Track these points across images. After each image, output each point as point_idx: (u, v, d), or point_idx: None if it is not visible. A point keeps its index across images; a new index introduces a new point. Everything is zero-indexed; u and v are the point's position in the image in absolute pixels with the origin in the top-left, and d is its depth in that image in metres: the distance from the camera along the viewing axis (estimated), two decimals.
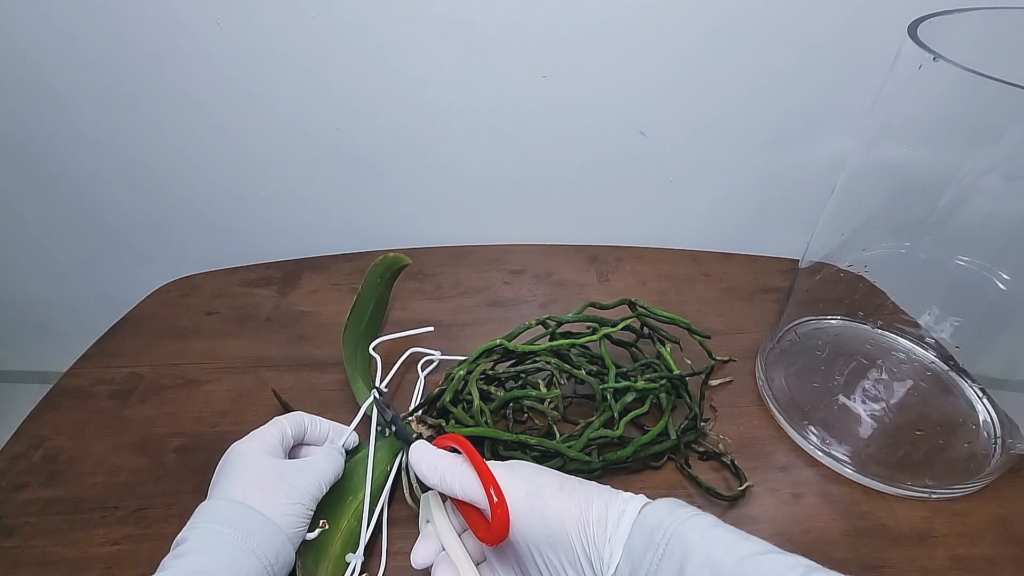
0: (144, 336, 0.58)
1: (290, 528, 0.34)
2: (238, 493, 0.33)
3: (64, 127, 0.63)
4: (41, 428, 0.49)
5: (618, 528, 0.29)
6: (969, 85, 0.32)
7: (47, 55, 0.58)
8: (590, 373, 0.46)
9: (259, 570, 0.31)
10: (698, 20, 0.53)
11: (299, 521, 0.35)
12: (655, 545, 0.27)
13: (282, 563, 0.33)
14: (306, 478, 0.36)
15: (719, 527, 0.28)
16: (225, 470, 0.36)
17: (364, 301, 0.54)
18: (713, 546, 0.26)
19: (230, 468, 0.35)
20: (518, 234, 0.70)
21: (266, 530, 0.32)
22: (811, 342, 0.53)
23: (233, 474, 0.35)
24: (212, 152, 0.65)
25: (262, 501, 0.33)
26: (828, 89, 0.56)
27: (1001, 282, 0.44)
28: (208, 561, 0.30)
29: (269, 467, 0.36)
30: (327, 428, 0.43)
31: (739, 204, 0.67)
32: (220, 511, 0.33)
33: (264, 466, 0.35)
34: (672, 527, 0.27)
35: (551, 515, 0.29)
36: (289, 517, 0.34)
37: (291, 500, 0.34)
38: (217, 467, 0.37)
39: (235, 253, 0.70)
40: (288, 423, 0.40)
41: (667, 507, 0.29)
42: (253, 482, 0.34)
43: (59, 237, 0.75)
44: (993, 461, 0.44)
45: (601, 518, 0.29)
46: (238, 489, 0.34)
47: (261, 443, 0.37)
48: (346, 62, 0.57)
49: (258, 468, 0.35)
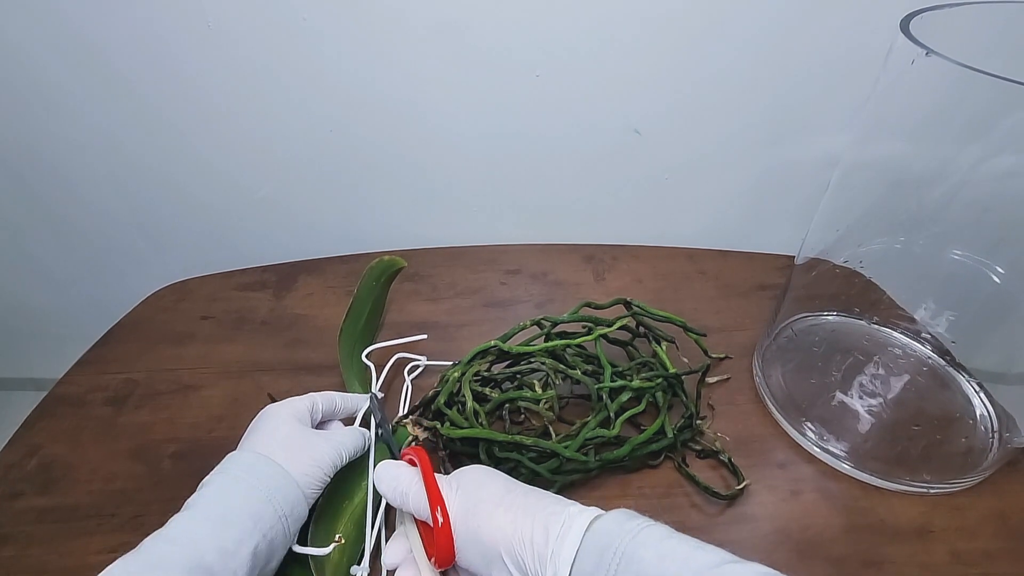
0: (139, 342, 0.58)
1: (307, 487, 0.36)
2: (263, 448, 0.36)
3: (55, 132, 0.63)
4: (36, 436, 0.49)
5: (563, 545, 0.27)
6: (961, 80, 0.32)
7: (37, 60, 0.57)
8: (586, 373, 0.46)
9: (274, 520, 0.33)
10: (692, 18, 0.53)
11: (316, 483, 0.36)
12: (606, 565, 0.26)
13: (296, 516, 0.35)
14: (329, 445, 0.38)
15: (673, 538, 0.27)
16: (256, 427, 0.38)
17: (360, 304, 0.54)
18: (668, 563, 0.25)
19: (261, 426, 0.38)
20: (513, 234, 0.70)
21: (284, 483, 0.34)
22: (808, 338, 0.53)
23: (262, 432, 0.37)
24: (205, 155, 0.65)
25: (285, 458, 0.36)
26: (822, 86, 0.56)
27: (996, 276, 0.44)
28: (227, 503, 0.33)
29: (296, 430, 0.38)
30: (355, 405, 0.44)
31: (734, 201, 0.67)
32: (244, 461, 0.35)
33: (291, 428, 0.38)
34: (623, 544, 0.26)
35: (485, 535, 0.29)
36: (307, 477, 0.36)
37: (312, 462, 0.36)
38: (249, 426, 0.39)
39: (230, 257, 0.70)
40: (320, 398, 0.42)
41: (617, 520, 0.28)
42: (279, 441, 0.37)
43: (52, 243, 0.75)
44: (990, 455, 0.44)
45: (543, 535, 0.28)
46: (264, 445, 0.36)
47: (292, 409, 0.39)
48: (338, 64, 0.57)
49: (285, 428, 0.38)
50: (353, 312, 0.53)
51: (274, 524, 0.33)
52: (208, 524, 0.31)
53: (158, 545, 0.30)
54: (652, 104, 0.59)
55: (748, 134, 0.61)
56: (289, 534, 0.34)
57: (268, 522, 0.33)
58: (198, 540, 0.30)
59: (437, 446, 0.44)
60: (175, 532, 0.31)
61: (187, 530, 0.31)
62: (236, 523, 0.32)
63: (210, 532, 0.31)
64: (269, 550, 0.33)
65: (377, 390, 0.48)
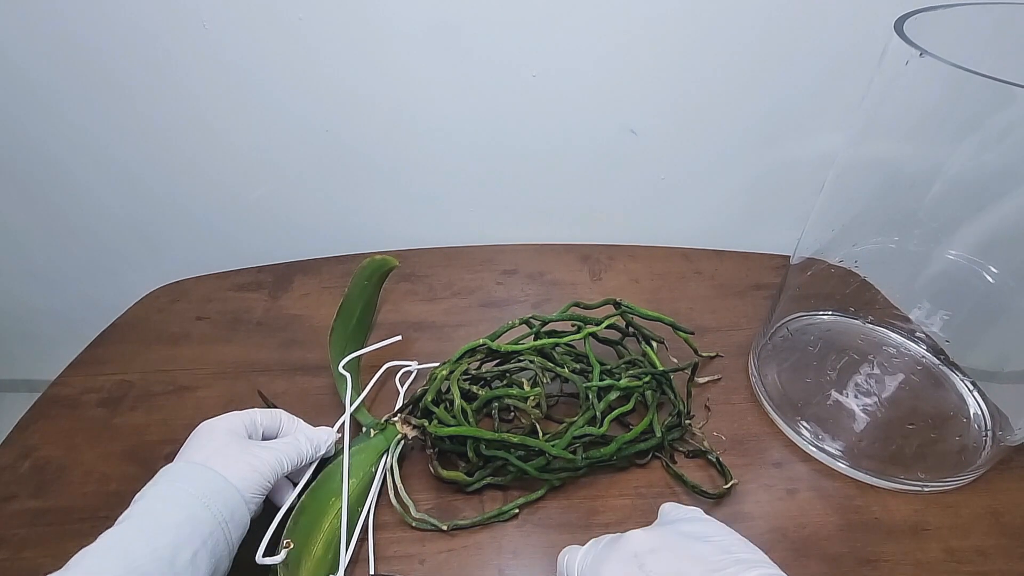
0: (134, 343, 0.58)
1: (247, 491, 0.34)
2: (199, 457, 0.35)
3: (49, 132, 0.63)
4: (29, 437, 0.48)
5: None
6: (955, 80, 0.32)
7: (32, 59, 0.57)
8: (575, 371, 0.46)
9: (213, 525, 0.32)
10: (688, 19, 0.53)
11: (256, 487, 0.35)
12: None
13: (237, 522, 0.33)
14: (268, 452, 0.37)
15: None
16: (191, 441, 0.37)
17: (351, 304, 0.53)
18: None
19: (196, 439, 0.37)
20: (510, 234, 0.70)
21: (221, 488, 0.33)
22: (803, 338, 0.53)
23: (197, 444, 0.36)
24: (200, 156, 0.64)
25: (222, 464, 0.34)
26: (817, 86, 0.56)
27: (989, 275, 0.45)
28: (160, 510, 0.31)
29: (232, 439, 0.37)
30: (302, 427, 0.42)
31: (730, 201, 0.67)
32: (179, 471, 0.34)
33: (227, 438, 0.37)
34: None
35: None
36: (246, 481, 0.34)
37: (250, 467, 0.35)
38: (185, 441, 0.37)
39: (225, 257, 0.70)
40: (261, 413, 0.40)
41: None
42: (216, 449, 0.35)
43: (46, 243, 0.74)
44: (984, 453, 0.44)
45: None
46: (200, 455, 0.35)
47: (228, 424, 0.38)
48: (334, 63, 0.56)
49: (221, 438, 0.36)
50: (344, 312, 0.52)
51: (214, 530, 0.31)
52: (141, 534, 0.30)
53: (86, 559, 0.28)
54: (648, 104, 0.59)
55: (744, 134, 0.61)
56: (231, 542, 0.33)
57: (207, 528, 0.31)
58: (130, 550, 0.29)
59: (426, 444, 0.44)
60: (105, 544, 0.29)
61: (118, 541, 0.29)
62: (171, 529, 0.30)
63: (144, 541, 0.29)
64: (211, 558, 0.31)
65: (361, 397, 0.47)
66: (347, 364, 0.48)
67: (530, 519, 0.42)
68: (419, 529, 0.41)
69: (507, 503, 0.42)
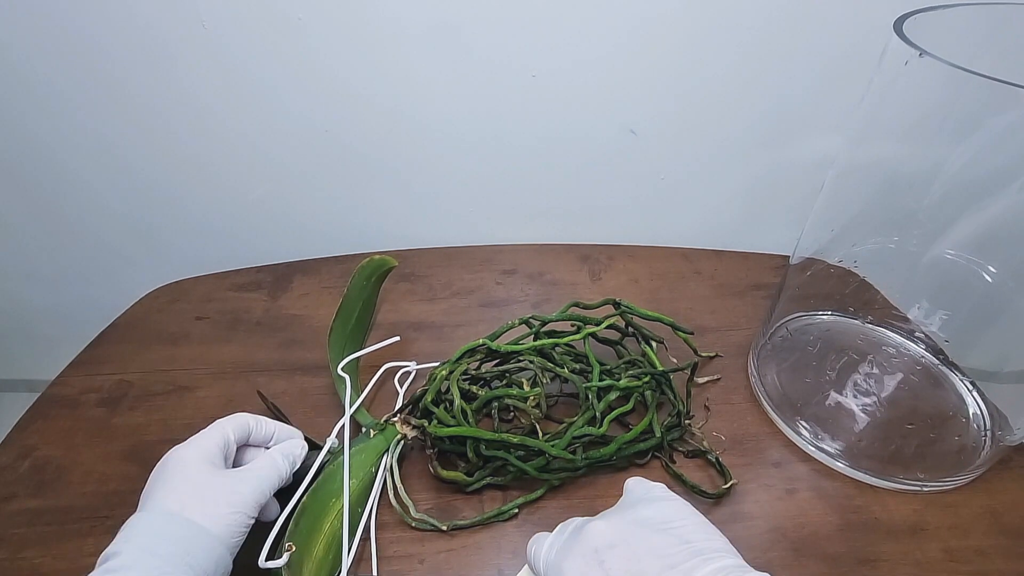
0: (133, 342, 0.58)
1: (230, 538, 0.32)
2: (175, 504, 0.32)
3: (48, 131, 0.63)
4: (29, 437, 0.48)
5: None
6: (955, 80, 0.32)
7: (32, 59, 0.57)
8: (574, 372, 0.46)
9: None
10: (687, 19, 0.53)
11: (239, 529, 0.33)
12: None
13: (220, 573, 0.32)
14: (249, 485, 0.35)
15: None
16: (162, 478, 0.34)
17: (350, 304, 0.53)
18: None
19: (168, 477, 0.34)
20: (509, 234, 0.70)
21: (205, 542, 0.31)
22: (803, 338, 0.53)
23: (170, 484, 0.33)
24: (199, 155, 0.64)
25: (201, 512, 0.32)
26: (816, 87, 0.56)
27: (988, 275, 0.45)
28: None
29: (209, 476, 0.34)
30: (272, 429, 0.40)
31: (730, 201, 0.68)
32: (155, 525, 0.31)
33: (204, 475, 0.34)
34: None
35: None
36: (229, 528, 0.32)
37: (232, 509, 0.33)
38: (152, 473, 0.34)
39: (224, 257, 0.70)
40: (231, 427, 0.38)
41: None
42: (191, 492, 0.33)
43: (45, 242, 0.74)
44: (983, 453, 0.44)
45: None
46: (175, 500, 0.32)
47: (201, 451, 0.35)
48: (333, 63, 0.56)
49: (198, 478, 0.33)
50: (343, 312, 0.52)
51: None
52: None
53: None
54: (648, 104, 0.59)
55: (743, 135, 0.61)
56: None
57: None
58: None
59: (425, 444, 0.44)
60: None
61: None
62: None
63: None
64: None
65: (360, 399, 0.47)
66: (346, 365, 0.48)
67: (530, 519, 0.42)
68: (419, 529, 0.41)
69: (507, 503, 0.42)
